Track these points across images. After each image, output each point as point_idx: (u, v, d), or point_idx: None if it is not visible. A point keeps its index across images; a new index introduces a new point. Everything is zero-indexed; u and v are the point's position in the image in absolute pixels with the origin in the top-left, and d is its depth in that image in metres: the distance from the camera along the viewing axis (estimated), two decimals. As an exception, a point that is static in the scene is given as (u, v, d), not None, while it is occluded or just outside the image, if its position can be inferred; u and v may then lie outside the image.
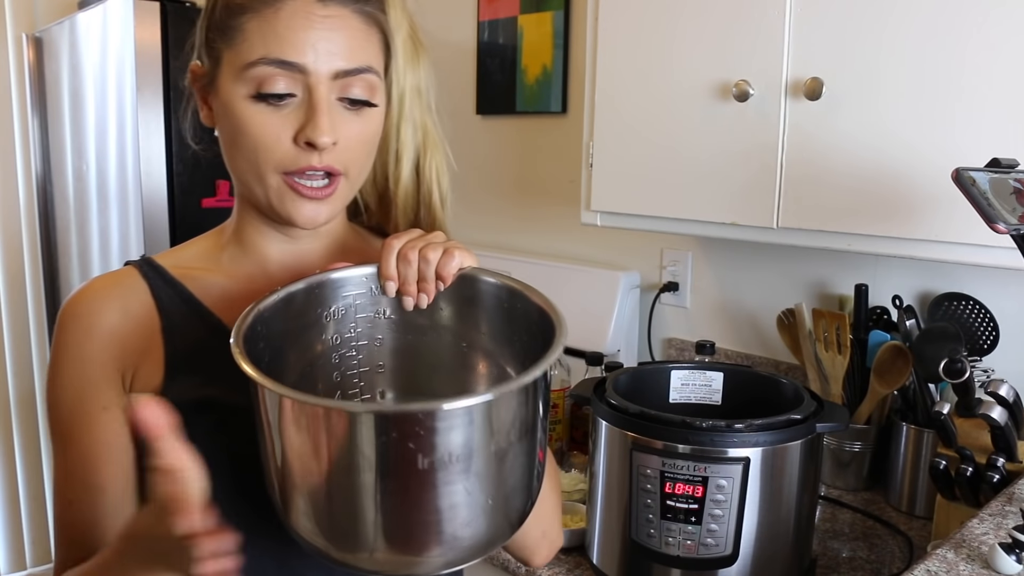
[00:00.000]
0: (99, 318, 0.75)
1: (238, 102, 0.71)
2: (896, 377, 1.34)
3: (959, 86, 1.08)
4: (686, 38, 1.33)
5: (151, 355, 0.76)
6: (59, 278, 2.76)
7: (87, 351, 0.75)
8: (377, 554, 0.59)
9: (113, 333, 0.75)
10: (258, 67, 0.70)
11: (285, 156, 0.72)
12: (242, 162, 0.75)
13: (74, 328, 0.75)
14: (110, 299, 0.76)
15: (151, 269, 0.79)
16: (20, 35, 2.69)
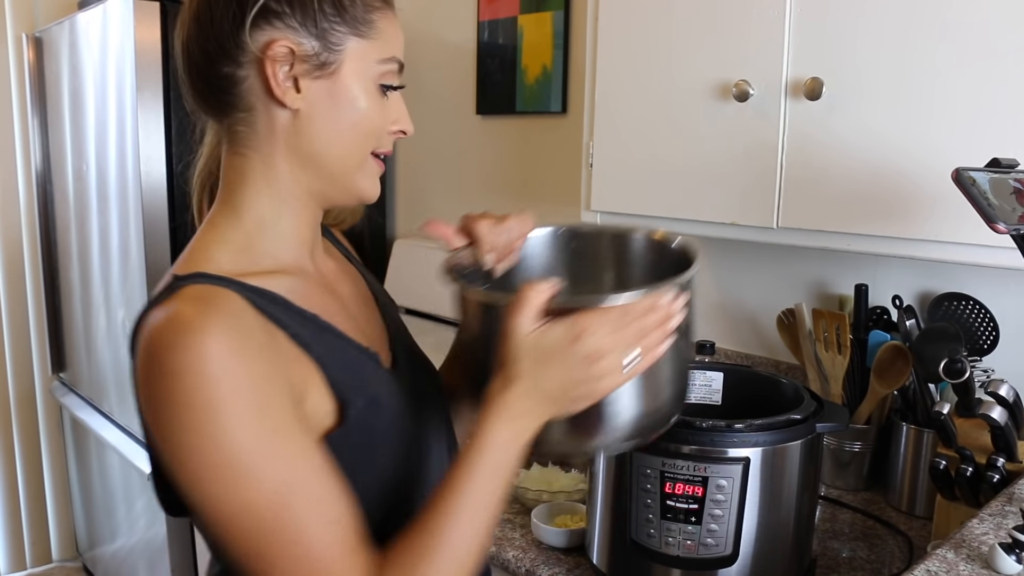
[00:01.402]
0: (228, 332, 0.65)
1: (364, 92, 0.76)
2: (896, 377, 1.34)
3: (960, 86, 1.08)
4: (686, 38, 1.33)
5: (305, 368, 0.71)
6: (59, 278, 2.76)
7: (239, 367, 0.65)
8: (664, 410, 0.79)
9: (259, 342, 0.67)
10: (391, 63, 0.78)
11: (382, 140, 0.79)
12: (351, 145, 0.77)
13: (208, 353, 0.63)
14: (221, 315, 0.66)
15: (226, 282, 0.70)
16: (20, 35, 2.69)
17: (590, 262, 0.95)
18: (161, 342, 0.64)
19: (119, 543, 2.64)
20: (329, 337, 0.75)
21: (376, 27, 0.77)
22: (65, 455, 3.01)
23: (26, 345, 2.91)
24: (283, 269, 0.77)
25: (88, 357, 2.60)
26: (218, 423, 0.63)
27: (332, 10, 0.74)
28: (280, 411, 0.66)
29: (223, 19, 0.73)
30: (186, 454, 0.64)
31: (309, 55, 0.73)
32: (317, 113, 0.75)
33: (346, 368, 0.74)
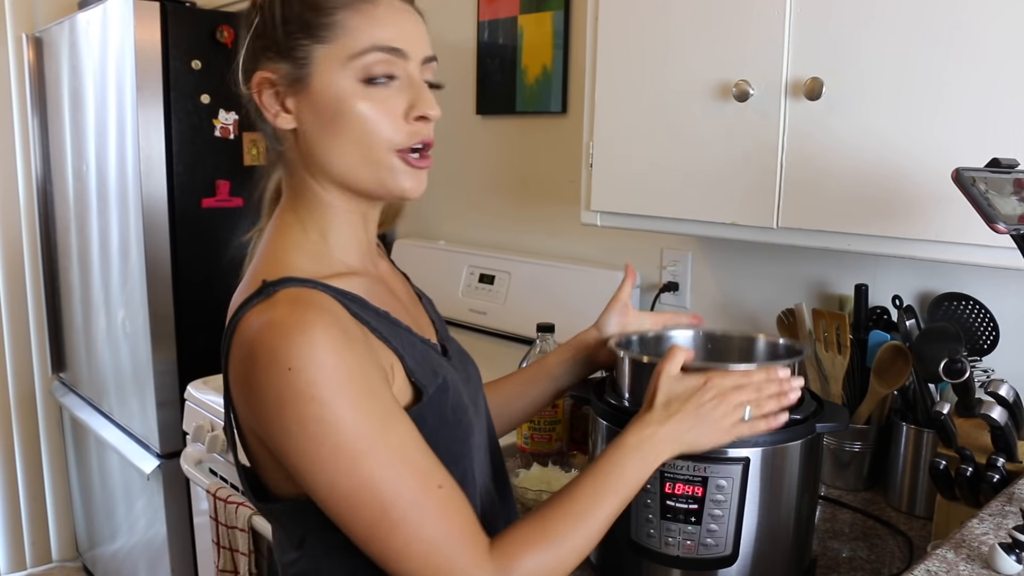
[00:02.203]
0: (329, 325, 0.72)
1: (345, 90, 0.77)
2: (896, 377, 1.34)
3: (960, 86, 1.08)
4: (686, 38, 1.33)
5: (386, 354, 0.78)
6: (59, 278, 2.76)
7: (345, 354, 0.71)
8: None
9: (351, 335, 0.73)
10: (369, 55, 0.77)
11: (397, 133, 0.79)
12: (351, 148, 0.79)
13: (317, 344, 0.70)
14: (320, 311, 0.73)
15: (313, 284, 0.77)
16: (20, 35, 2.70)
17: (721, 359, 1.18)
18: (272, 343, 0.70)
19: (119, 543, 2.64)
20: (401, 331, 0.82)
21: (339, 26, 0.77)
22: (65, 455, 3.01)
23: (26, 345, 2.91)
24: (353, 271, 0.83)
25: (88, 357, 2.60)
26: (336, 410, 0.69)
27: (292, 28, 0.78)
28: (384, 394, 0.74)
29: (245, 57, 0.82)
30: (307, 442, 0.70)
31: (283, 77, 0.79)
32: (310, 128, 0.79)
33: (417, 358, 0.82)
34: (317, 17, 0.77)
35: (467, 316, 2.12)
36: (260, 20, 0.80)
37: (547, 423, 1.56)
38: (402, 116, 0.79)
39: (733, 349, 1.20)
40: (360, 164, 0.79)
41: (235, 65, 0.82)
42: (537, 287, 1.98)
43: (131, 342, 2.29)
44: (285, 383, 0.69)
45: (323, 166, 0.81)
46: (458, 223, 2.33)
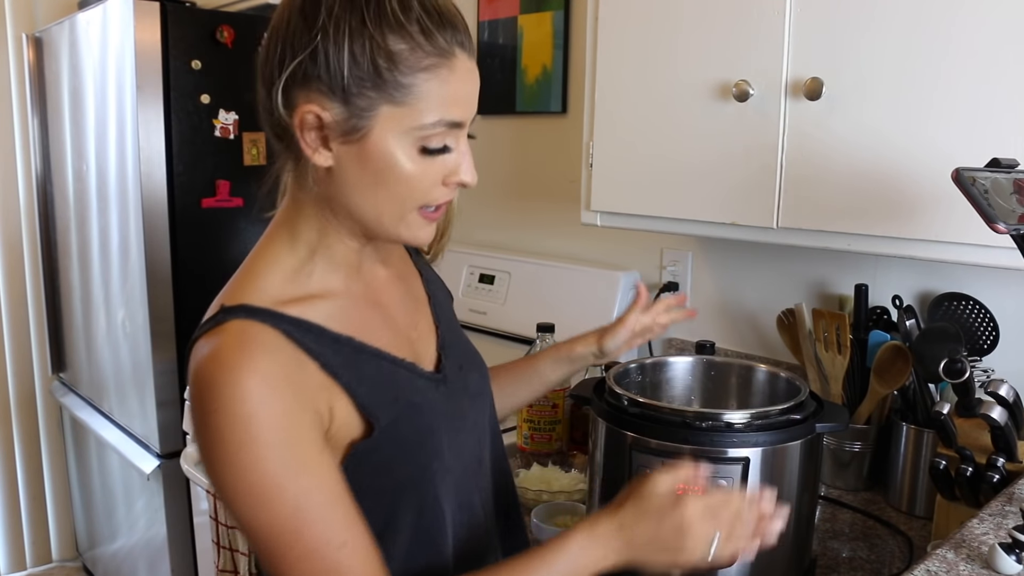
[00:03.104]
0: (265, 366, 0.72)
1: (401, 155, 0.76)
2: (896, 377, 1.34)
3: (960, 86, 1.08)
4: (686, 38, 1.33)
5: (333, 394, 0.77)
6: (59, 278, 2.76)
7: (276, 400, 0.72)
8: None
9: (287, 378, 0.73)
10: (434, 129, 0.75)
11: (431, 194, 0.79)
12: (385, 203, 0.78)
13: (248, 385, 0.70)
14: (260, 351, 0.73)
15: (265, 315, 0.76)
16: (20, 35, 2.69)
17: (721, 386, 1.21)
18: (204, 379, 0.72)
19: (119, 543, 2.64)
20: (362, 358, 0.80)
21: (416, 91, 0.74)
22: (65, 455, 3.01)
23: (26, 345, 2.91)
24: (328, 291, 0.82)
25: (88, 357, 2.60)
26: (248, 455, 0.70)
27: (362, 74, 0.73)
28: (305, 444, 0.73)
29: (272, 70, 0.77)
30: (223, 478, 0.72)
31: (336, 121, 0.75)
32: (347, 173, 0.77)
33: (376, 387, 0.80)
34: (394, 75, 0.74)
35: (467, 316, 2.12)
36: (320, 49, 0.73)
37: (547, 423, 1.56)
38: (441, 179, 0.79)
39: (733, 378, 1.22)
40: (387, 217, 0.79)
41: (267, 76, 0.77)
42: (537, 287, 1.98)
43: (131, 342, 2.29)
44: (210, 419, 0.71)
45: (347, 209, 0.79)
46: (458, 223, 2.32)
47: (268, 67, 0.77)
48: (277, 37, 0.77)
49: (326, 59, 0.73)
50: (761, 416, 1.00)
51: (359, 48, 0.73)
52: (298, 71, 0.74)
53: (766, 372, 1.19)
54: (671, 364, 1.24)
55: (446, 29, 0.75)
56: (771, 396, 1.16)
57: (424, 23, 0.74)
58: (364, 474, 0.78)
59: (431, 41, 0.74)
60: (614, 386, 1.06)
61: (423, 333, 0.93)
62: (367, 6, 0.73)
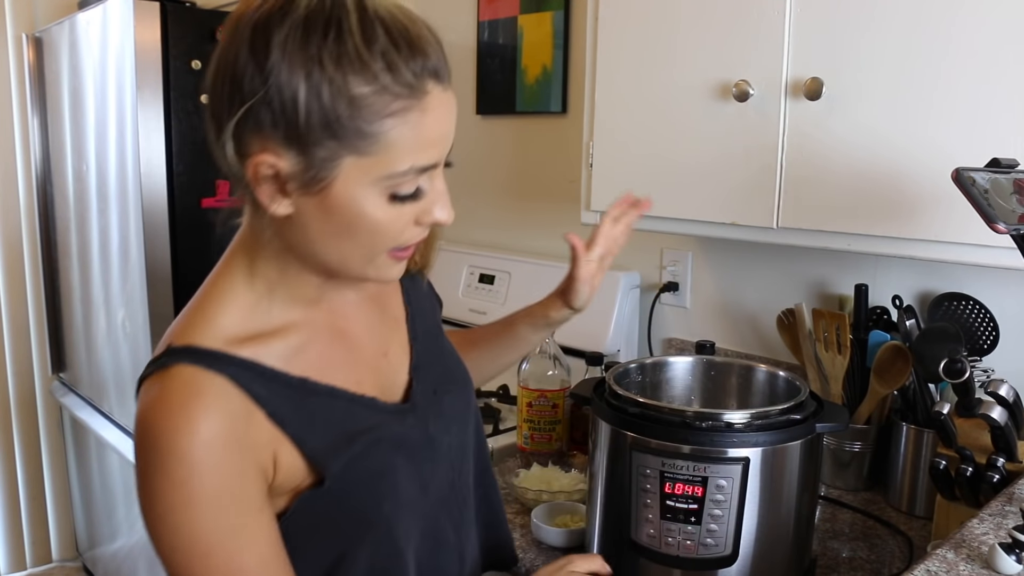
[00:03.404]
0: (209, 425, 0.68)
1: (369, 205, 0.69)
2: (896, 377, 1.34)
3: (960, 86, 1.08)
4: (686, 38, 1.33)
5: (280, 445, 0.73)
6: (59, 278, 2.76)
7: (217, 461, 0.68)
8: None
9: (231, 436, 0.69)
10: (406, 176, 0.68)
11: (401, 238, 0.73)
12: (351, 250, 0.72)
13: (188, 445, 0.67)
14: (205, 406, 0.68)
15: (214, 360, 0.71)
16: (20, 35, 2.69)
17: (721, 386, 1.22)
18: (145, 433, 0.68)
19: (119, 543, 2.64)
20: (315, 400, 0.76)
21: (383, 140, 0.66)
22: (65, 455, 3.01)
23: (26, 345, 2.91)
24: (288, 326, 0.77)
25: (88, 357, 2.60)
26: (183, 515, 0.68)
27: (321, 123, 0.65)
28: (243, 504, 0.70)
29: (220, 110, 0.68)
30: (156, 531, 0.69)
31: (293, 171, 0.67)
32: (309, 222, 0.70)
33: (327, 433, 0.76)
34: (358, 123, 0.65)
35: (467, 316, 2.12)
36: (273, 92, 0.64)
37: (547, 423, 1.56)
38: (413, 220, 0.72)
39: (732, 378, 1.22)
40: (353, 261, 0.73)
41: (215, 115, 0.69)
42: (537, 287, 1.97)
43: (131, 342, 2.29)
44: (148, 473, 0.68)
45: (310, 255, 0.73)
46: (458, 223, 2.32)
47: (215, 105, 0.69)
48: (224, 73, 0.68)
49: (281, 104, 0.64)
50: (761, 416, 1.00)
51: (316, 93, 0.64)
52: (249, 116, 0.66)
53: (766, 372, 1.19)
54: (671, 364, 1.24)
55: (416, 60, 0.66)
56: (771, 396, 1.16)
57: (391, 58, 0.65)
58: (314, 515, 0.75)
59: (399, 80, 0.66)
60: (614, 386, 1.06)
61: (395, 356, 0.87)
62: (325, 41, 0.64)
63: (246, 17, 0.67)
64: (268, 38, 0.64)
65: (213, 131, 0.70)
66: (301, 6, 0.65)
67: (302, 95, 0.64)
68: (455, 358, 0.96)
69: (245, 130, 0.67)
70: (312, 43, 0.64)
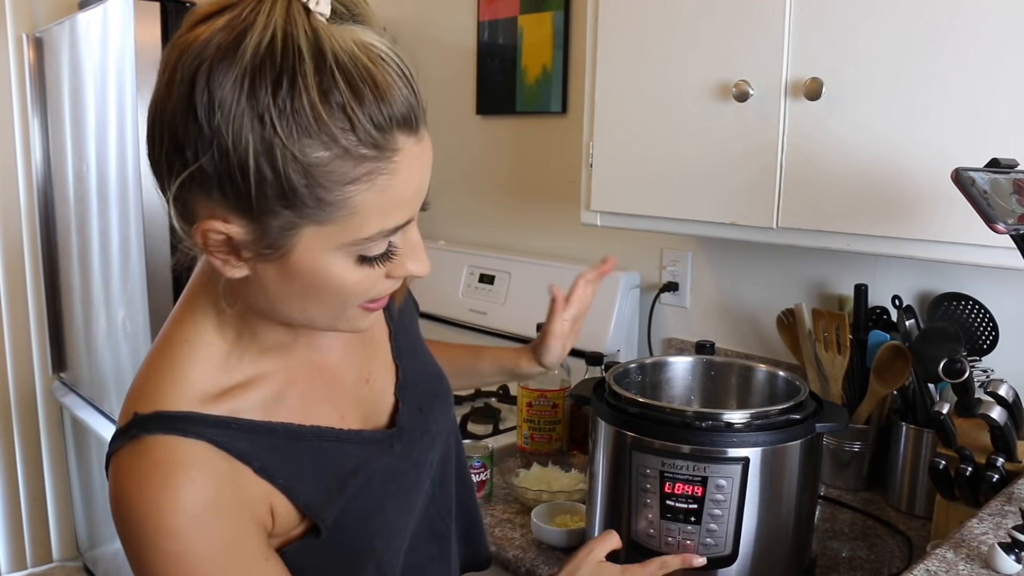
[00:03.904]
0: (196, 495, 0.64)
1: (334, 269, 0.62)
2: (896, 377, 1.34)
3: (960, 86, 1.08)
4: (686, 38, 1.33)
5: (273, 498, 0.69)
6: (59, 279, 2.76)
7: (210, 529, 0.64)
8: None
9: (220, 501, 0.65)
10: (375, 239, 0.61)
11: (371, 293, 0.67)
12: (316, 310, 0.66)
13: (178, 521, 0.63)
14: (190, 479, 0.64)
15: (188, 424, 0.65)
16: (20, 35, 2.70)
17: (721, 386, 1.22)
18: (128, 512, 0.64)
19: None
20: (301, 446, 0.72)
21: (346, 207, 0.59)
22: (66, 455, 3.01)
23: (27, 345, 2.91)
24: (261, 375, 0.72)
25: (88, 357, 2.60)
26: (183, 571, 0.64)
27: (275, 193, 0.57)
28: (246, 561, 0.67)
29: (160, 165, 0.60)
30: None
31: (246, 240, 0.60)
32: (267, 285, 0.64)
33: (318, 480, 0.72)
34: (315, 192, 0.57)
35: (467, 316, 2.12)
36: (215, 156, 0.56)
37: (547, 423, 1.56)
38: (385, 274, 0.66)
39: (732, 378, 1.22)
40: (320, 318, 0.67)
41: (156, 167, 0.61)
42: (537, 287, 1.98)
43: (131, 342, 2.29)
44: (136, 552, 0.65)
45: (272, 314, 0.68)
46: (458, 223, 2.33)
47: (155, 158, 0.61)
48: (162, 124, 0.58)
49: (227, 170, 0.56)
50: (761, 416, 1.00)
51: (268, 158, 0.56)
52: (192, 179, 0.58)
53: (766, 372, 1.19)
54: (671, 364, 1.24)
55: (382, 112, 0.57)
56: (771, 396, 1.16)
57: (352, 113, 0.56)
58: (306, 559, 0.72)
59: (363, 139, 0.57)
60: (614, 386, 1.06)
61: (379, 379, 0.84)
62: (275, 98, 0.55)
63: (185, 61, 0.57)
64: (211, 93, 0.55)
65: (156, 186, 0.63)
66: (248, 52, 0.55)
67: (251, 162, 0.56)
68: (437, 370, 0.93)
69: (190, 193, 0.59)
70: (261, 100, 0.55)
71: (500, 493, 1.42)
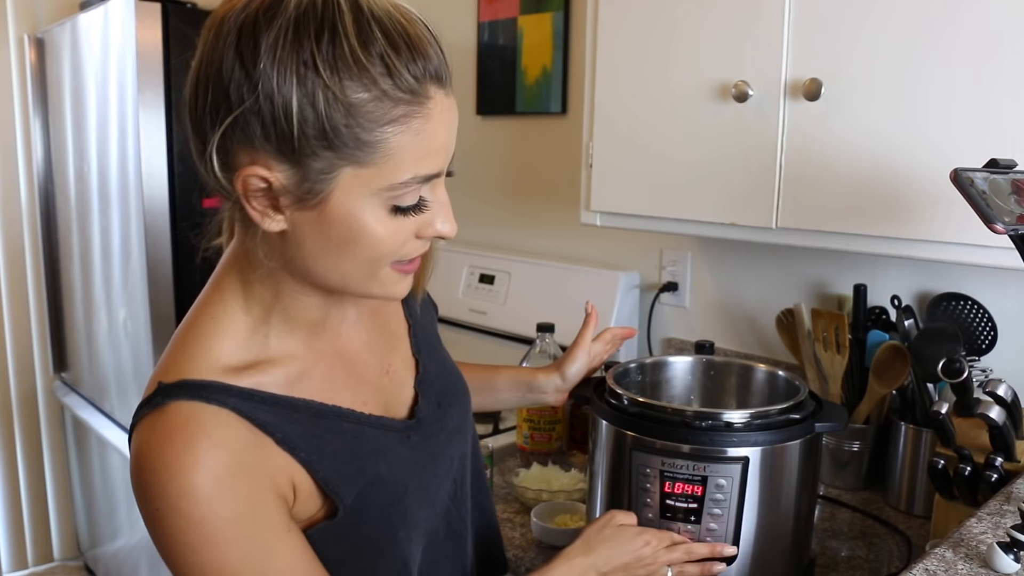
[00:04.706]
0: (218, 459, 0.64)
1: (369, 218, 0.65)
2: (895, 377, 1.35)
3: (958, 87, 1.08)
4: (685, 39, 1.34)
5: (294, 471, 0.69)
6: (60, 278, 2.76)
7: (231, 493, 0.64)
8: None
9: (242, 465, 0.65)
10: (408, 187, 0.64)
11: (402, 252, 0.69)
12: (351, 266, 0.67)
13: (199, 483, 0.63)
14: (213, 443, 0.64)
15: (212, 392, 0.66)
16: (22, 36, 2.70)
17: (721, 386, 1.22)
18: (149, 475, 0.64)
19: (120, 542, 2.65)
20: (324, 423, 0.72)
21: (383, 149, 0.62)
22: (67, 454, 3.01)
23: (28, 345, 2.92)
24: (287, 355, 0.73)
25: (89, 357, 2.61)
26: (205, 555, 0.64)
27: (316, 132, 0.61)
28: (268, 531, 0.67)
29: (203, 120, 0.63)
30: (179, 571, 0.65)
31: (287, 185, 0.63)
32: (305, 238, 0.66)
33: (339, 458, 0.72)
34: (356, 132, 0.61)
35: (467, 316, 2.12)
36: (262, 100, 0.60)
37: (547, 423, 1.56)
38: (415, 233, 0.69)
39: (732, 378, 1.22)
40: (354, 278, 0.69)
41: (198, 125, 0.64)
42: (537, 287, 1.98)
43: (132, 342, 2.30)
44: (156, 518, 0.64)
45: (307, 273, 0.69)
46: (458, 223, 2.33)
47: (197, 115, 0.64)
48: (207, 78, 0.62)
49: (271, 113, 0.60)
50: (760, 416, 1.00)
51: (310, 100, 0.60)
52: (236, 126, 0.61)
53: (765, 372, 1.20)
54: (671, 364, 1.24)
55: (417, 63, 0.62)
56: (770, 396, 1.16)
57: (390, 61, 0.61)
58: (327, 546, 0.72)
59: (400, 84, 0.62)
60: (614, 386, 1.07)
61: (398, 371, 0.84)
62: (319, 44, 0.59)
63: (230, 18, 0.61)
64: (256, 41, 0.59)
65: (196, 144, 0.65)
66: (291, 6, 0.60)
67: (295, 103, 0.60)
68: (454, 368, 0.94)
69: (232, 142, 0.62)
70: (305, 46, 0.59)
71: (500, 493, 1.42)
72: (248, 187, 0.63)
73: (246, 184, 0.63)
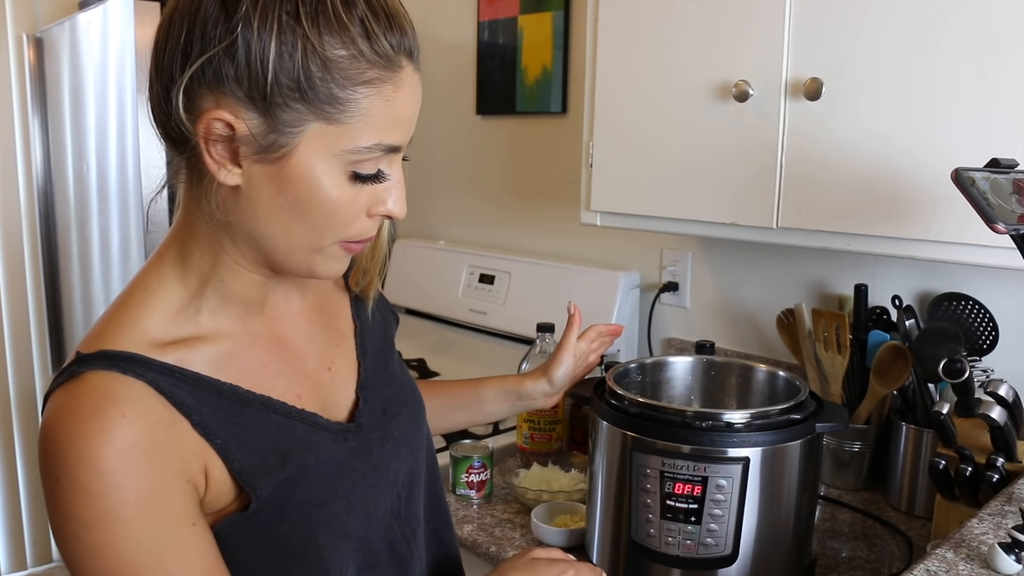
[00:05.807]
0: (125, 432, 0.61)
1: (327, 180, 0.64)
2: (896, 377, 1.34)
3: (959, 86, 1.08)
4: (686, 38, 1.33)
5: (208, 458, 0.66)
6: (59, 279, 2.76)
7: (136, 470, 0.61)
8: None
9: (151, 443, 0.62)
10: (370, 153, 0.64)
11: (353, 226, 0.68)
12: (299, 234, 0.66)
13: (102, 454, 0.60)
14: (120, 412, 0.61)
15: (131, 364, 0.64)
16: (21, 35, 2.70)
17: (721, 386, 1.23)
18: (51, 442, 0.61)
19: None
20: (247, 412, 0.69)
21: (353, 108, 0.63)
22: (66, 455, 3.01)
23: (27, 345, 2.91)
24: (218, 333, 0.70)
25: (89, 357, 2.61)
26: (100, 532, 0.61)
27: (291, 81, 0.60)
28: (171, 520, 0.63)
29: (172, 61, 0.62)
30: (71, 551, 0.62)
31: (252, 134, 0.62)
32: (258, 196, 0.64)
33: (259, 449, 0.69)
34: (330, 86, 0.61)
35: (467, 316, 2.12)
36: (239, 43, 0.59)
37: (547, 423, 1.56)
38: (366, 210, 0.68)
39: (732, 378, 1.22)
40: (299, 249, 0.67)
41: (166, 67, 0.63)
42: (537, 287, 1.98)
43: (132, 342, 2.29)
44: (56, 490, 0.61)
45: (252, 236, 0.67)
46: (458, 223, 2.34)
47: (167, 57, 0.63)
48: (182, 19, 0.62)
49: (247, 57, 0.60)
50: (761, 416, 1.00)
51: (289, 49, 0.60)
52: (208, 68, 0.60)
53: (766, 372, 1.20)
54: (671, 364, 1.24)
55: (394, 33, 0.64)
56: (771, 396, 1.16)
57: (369, 25, 0.62)
58: (240, 543, 0.69)
59: (376, 49, 0.63)
60: (614, 386, 1.07)
61: (341, 371, 0.81)
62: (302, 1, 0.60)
63: None
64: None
65: (157, 88, 0.64)
66: None
67: (272, 50, 0.59)
68: (408, 380, 0.90)
69: (201, 84, 0.61)
70: None
71: (500, 493, 1.42)
72: (211, 132, 0.62)
73: (209, 128, 0.62)
